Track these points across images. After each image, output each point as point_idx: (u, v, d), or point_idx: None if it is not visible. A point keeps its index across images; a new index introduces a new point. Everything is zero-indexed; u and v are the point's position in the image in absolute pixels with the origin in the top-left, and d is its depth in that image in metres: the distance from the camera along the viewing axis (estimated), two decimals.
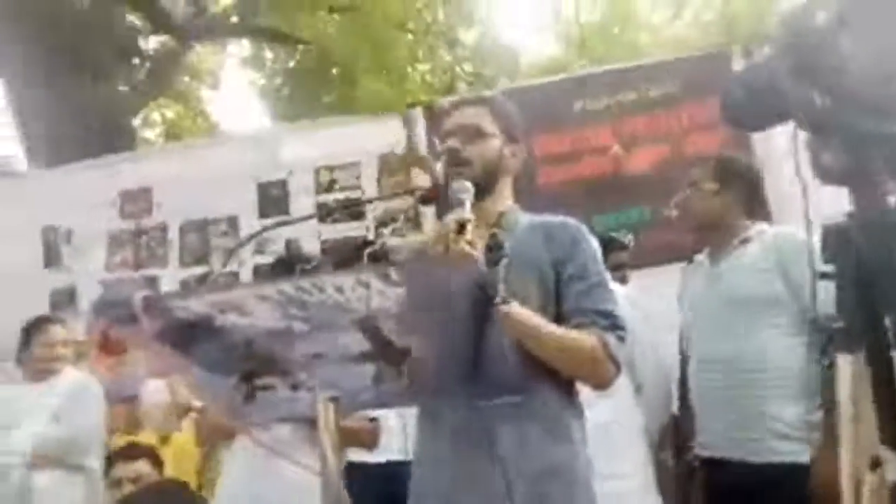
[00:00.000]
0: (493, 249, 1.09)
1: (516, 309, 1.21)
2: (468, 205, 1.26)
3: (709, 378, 2.00)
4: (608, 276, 1.39)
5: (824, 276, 1.16)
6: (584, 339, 1.28)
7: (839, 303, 1.07)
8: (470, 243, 1.12)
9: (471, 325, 0.97)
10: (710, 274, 2.07)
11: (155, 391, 3.08)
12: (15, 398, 2.84)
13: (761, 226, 2.08)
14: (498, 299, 0.96)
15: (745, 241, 2.01)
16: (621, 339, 1.32)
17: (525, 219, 1.41)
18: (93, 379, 2.98)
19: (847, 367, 1.14)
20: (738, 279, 1.97)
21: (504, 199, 1.42)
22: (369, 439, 2.05)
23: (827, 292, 1.79)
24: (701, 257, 2.17)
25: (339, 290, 0.99)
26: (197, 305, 1.04)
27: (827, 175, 0.80)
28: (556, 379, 1.30)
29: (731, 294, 1.97)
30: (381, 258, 1.64)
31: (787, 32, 0.75)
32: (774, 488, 1.80)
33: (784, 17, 0.75)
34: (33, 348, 2.92)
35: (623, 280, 2.74)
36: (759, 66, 0.85)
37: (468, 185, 1.30)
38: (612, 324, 1.32)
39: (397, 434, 2.11)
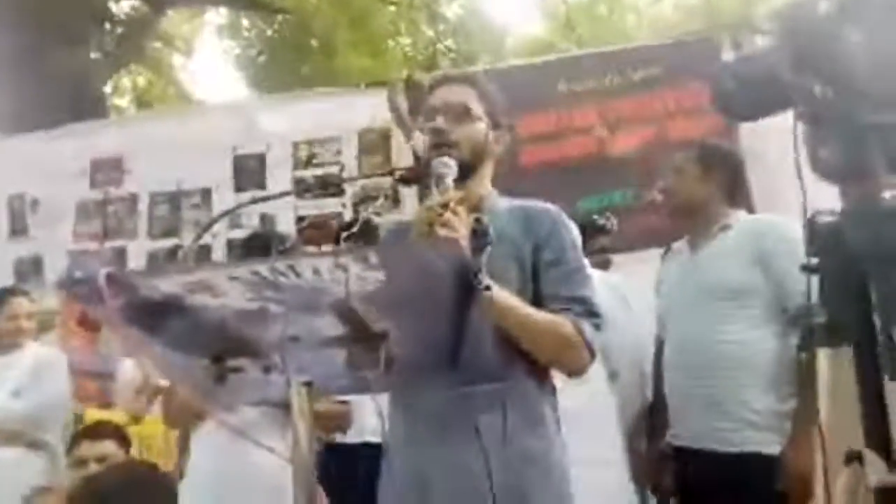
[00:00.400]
0: (479, 234, 1.07)
1: (500, 294, 1.20)
2: (450, 181, 1.24)
3: (681, 366, 2.00)
4: (587, 261, 1.38)
5: (805, 268, 1.15)
6: (563, 324, 1.28)
7: (823, 296, 1.05)
8: (453, 225, 1.09)
9: (452, 310, 0.94)
10: (688, 260, 2.07)
11: (129, 370, 3.02)
12: None
13: (741, 213, 2.08)
14: (482, 284, 0.94)
15: (725, 228, 2.01)
16: (597, 326, 1.32)
17: (504, 203, 1.40)
18: (57, 353, 2.93)
19: (827, 361, 1.14)
20: (716, 266, 1.97)
21: (485, 183, 1.40)
22: (342, 423, 2.03)
23: (807, 284, 1.80)
24: (680, 244, 2.17)
25: (316, 272, 0.95)
26: (165, 285, 0.99)
27: (823, 169, 0.79)
28: (532, 366, 1.30)
29: (707, 281, 1.97)
30: (361, 239, 1.60)
31: (787, 21, 0.72)
32: (745, 478, 1.81)
33: (784, 5, 0.72)
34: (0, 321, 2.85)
35: (605, 265, 2.73)
36: (755, 56, 0.83)
37: (451, 161, 1.28)
38: (588, 311, 1.32)
39: (371, 416, 2.08)
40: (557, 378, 1.39)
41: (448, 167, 1.26)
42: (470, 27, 8.08)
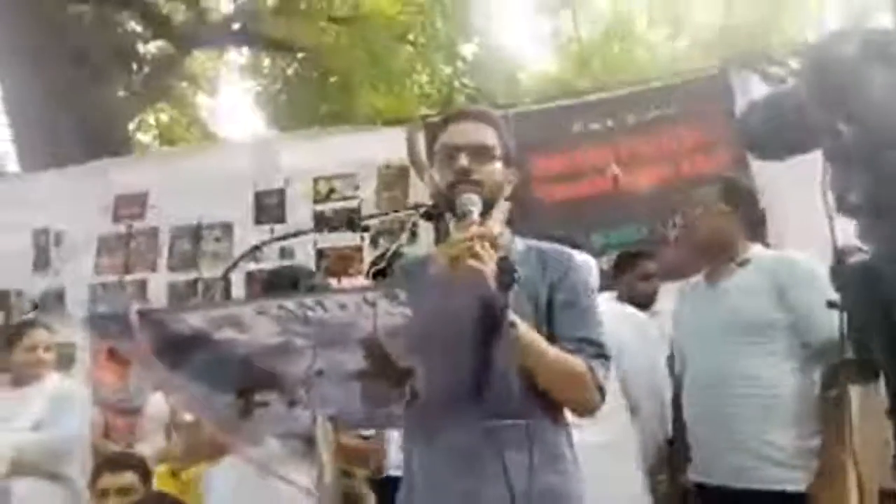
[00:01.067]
0: (505, 272, 1.07)
1: (526, 331, 1.21)
2: (476, 217, 1.26)
3: (702, 402, 1.99)
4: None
5: (832, 304, 1.14)
6: (578, 363, 1.31)
7: (851, 333, 1.04)
8: (481, 258, 1.11)
9: (479, 343, 0.95)
10: (706, 295, 2.06)
11: (157, 405, 3.00)
12: None
13: (758, 248, 2.07)
14: (510, 320, 0.94)
15: (744, 263, 2.00)
16: (607, 368, 1.35)
17: (520, 243, 1.43)
18: (77, 386, 2.91)
19: (857, 398, 1.13)
20: (735, 302, 1.96)
21: (498, 222, 1.43)
22: (377, 460, 1.98)
23: (839, 322, 1.78)
24: (697, 278, 2.16)
25: (343, 307, 0.96)
26: (194, 320, 1.01)
27: (851, 207, 0.79)
28: (551, 403, 1.32)
29: (727, 316, 1.96)
30: (387, 273, 1.61)
31: (814, 60, 0.73)
32: None
33: (811, 45, 0.73)
34: (16, 352, 2.87)
35: (653, 291, 2.70)
36: (781, 95, 0.83)
37: (476, 198, 1.30)
38: (599, 353, 1.34)
39: (396, 451, 2.05)
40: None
41: (475, 204, 1.28)
42: (486, 65, 8.21)
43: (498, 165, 1.39)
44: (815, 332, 1.83)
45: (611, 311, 2.16)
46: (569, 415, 1.37)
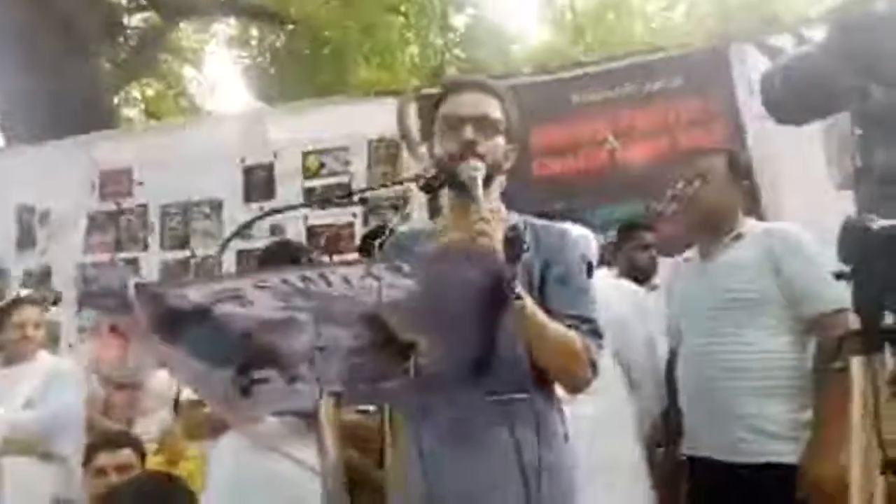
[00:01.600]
0: (514, 243, 1.05)
1: (531, 304, 1.20)
2: (480, 183, 1.24)
3: (697, 376, 1.98)
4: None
5: (840, 276, 1.13)
6: (574, 339, 1.30)
7: (858, 304, 1.03)
8: (489, 233, 1.09)
9: (485, 319, 0.93)
10: (700, 270, 2.05)
11: (160, 381, 2.97)
12: None
13: (752, 222, 2.06)
14: (516, 293, 0.92)
15: (738, 237, 1.99)
16: (599, 345, 1.35)
17: (515, 218, 1.41)
18: (70, 364, 2.88)
19: (861, 369, 1.12)
20: (729, 276, 1.95)
21: (495, 197, 1.40)
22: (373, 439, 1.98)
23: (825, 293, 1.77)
24: (690, 253, 2.15)
25: (346, 281, 0.94)
26: (193, 294, 0.98)
27: (881, 170, 0.76)
28: (546, 379, 1.33)
29: (721, 291, 1.95)
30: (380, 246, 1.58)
31: (842, 20, 0.70)
32: (765, 489, 1.80)
33: (839, 5, 0.70)
34: (5, 330, 2.82)
35: (652, 263, 2.69)
36: (805, 56, 0.81)
37: (480, 164, 1.27)
38: (592, 330, 1.34)
39: None
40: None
41: (478, 170, 1.25)
42: (478, 36, 8.08)
43: (501, 140, 1.36)
44: (809, 305, 1.85)
45: (610, 287, 2.16)
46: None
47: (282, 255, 1.90)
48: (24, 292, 3.24)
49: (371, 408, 1.84)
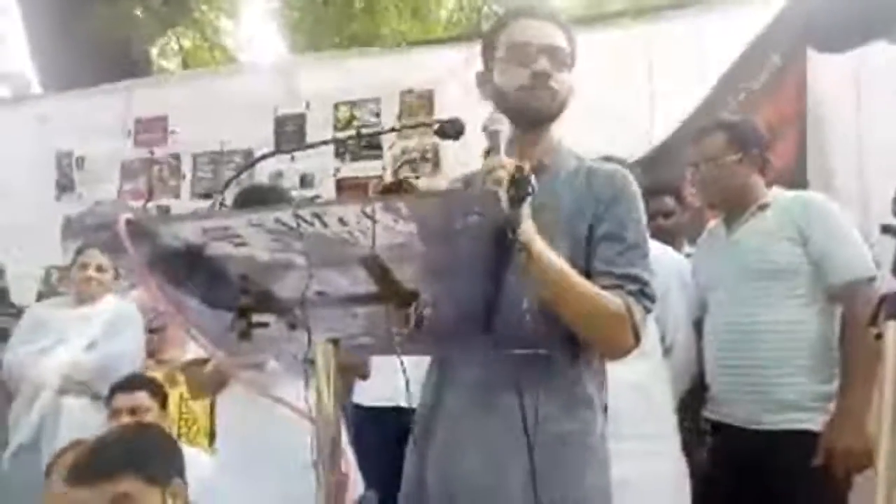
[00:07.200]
0: (519, 184, 0.96)
1: (540, 247, 1.07)
2: (503, 137, 1.12)
3: (724, 347, 1.97)
4: (644, 236, 1.24)
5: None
6: (612, 300, 1.15)
7: None
8: (502, 182, 0.99)
9: (490, 269, 0.86)
10: (725, 241, 2.03)
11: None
12: (55, 320, 2.81)
13: (776, 190, 2.01)
14: (519, 237, 0.84)
15: (763, 207, 1.96)
16: (648, 310, 1.19)
17: (572, 160, 1.29)
18: (132, 307, 2.87)
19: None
20: (756, 247, 1.93)
21: (553, 135, 1.29)
22: (360, 371, 1.98)
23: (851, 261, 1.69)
24: (715, 224, 2.13)
25: (343, 222, 0.88)
26: (186, 232, 0.94)
27: None
28: (574, 340, 1.19)
29: (748, 262, 1.93)
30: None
31: None
32: (780, 454, 1.80)
33: None
34: (73, 271, 2.87)
35: (677, 230, 2.59)
36: None
37: (504, 118, 1.16)
38: (641, 291, 1.18)
39: (383, 380, 2.03)
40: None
41: (502, 123, 1.14)
42: None
43: (567, 74, 1.26)
44: (835, 274, 1.83)
45: (656, 248, 2.07)
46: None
47: (255, 198, 1.84)
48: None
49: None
